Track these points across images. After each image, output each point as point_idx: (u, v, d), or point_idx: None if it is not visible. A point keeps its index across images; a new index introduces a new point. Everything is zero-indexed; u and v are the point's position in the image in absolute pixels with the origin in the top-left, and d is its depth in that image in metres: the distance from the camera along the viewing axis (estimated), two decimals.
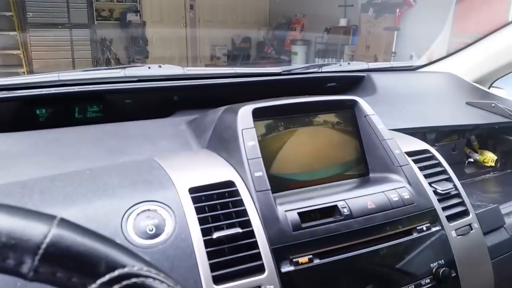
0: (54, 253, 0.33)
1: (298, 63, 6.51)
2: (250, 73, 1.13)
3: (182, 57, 7.16)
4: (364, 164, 0.86)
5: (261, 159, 0.74)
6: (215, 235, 0.64)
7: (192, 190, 0.69)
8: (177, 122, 0.95)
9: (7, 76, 0.99)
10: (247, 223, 0.68)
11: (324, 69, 1.15)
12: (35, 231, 0.32)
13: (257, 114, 0.79)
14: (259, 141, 0.76)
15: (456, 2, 4.39)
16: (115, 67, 1.00)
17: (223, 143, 0.81)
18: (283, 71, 1.12)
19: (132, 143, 0.88)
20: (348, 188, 0.82)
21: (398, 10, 5.03)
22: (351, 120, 0.87)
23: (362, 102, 0.87)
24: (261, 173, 0.73)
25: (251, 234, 0.67)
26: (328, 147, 0.85)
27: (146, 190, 0.67)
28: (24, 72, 6.01)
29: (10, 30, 5.88)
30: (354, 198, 0.76)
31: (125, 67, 1.03)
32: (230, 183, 0.72)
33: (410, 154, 0.88)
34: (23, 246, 0.32)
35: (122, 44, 6.75)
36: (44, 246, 0.32)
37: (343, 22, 5.97)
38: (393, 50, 5.13)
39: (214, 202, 0.69)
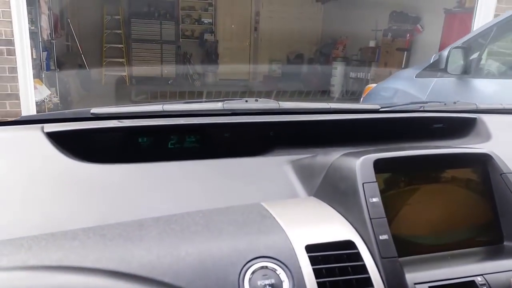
0: None
1: (337, 76, 6.13)
2: (347, 109, 0.87)
3: (245, 69, 7.07)
4: (497, 229, 0.59)
5: (386, 219, 0.51)
6: None
7: (309, 248, 0.49)
8: (278, 162, 0.72)
9: (115, 105, 0.81)
10: None
11: (428, 107, 0.85)
12: None
13: (377, 166, 0.55)
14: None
15: (442, 29, 4.45)
16: (214, 99, 0.82)
17: (337, 195, 0.57)
18: (381, 108, 0.85)
19: (237, 183, 0.67)
20: (482, 258, 0.55)
21: (408, 34, 5.09)
22: (483, 177, 0.60)
23: (497, 157, 0.60)
24: (386, 236, 0.50)
25: None
26: (456, 208, 0.58)
27: (261, 244, 0.50)
28: (125, 76, 6.16)
29: (118, 43, 6.34)
30: (494, 274, 0.51)
31: (223, 100, 0.82)
32: (350, 244, 0.51)
33: None
34: None
35: (199, 58, 6.84)
36: None
37: (372, 44, 5.90)
38: (403, 67, 5.04)
39: (333, 265, 0.48)
